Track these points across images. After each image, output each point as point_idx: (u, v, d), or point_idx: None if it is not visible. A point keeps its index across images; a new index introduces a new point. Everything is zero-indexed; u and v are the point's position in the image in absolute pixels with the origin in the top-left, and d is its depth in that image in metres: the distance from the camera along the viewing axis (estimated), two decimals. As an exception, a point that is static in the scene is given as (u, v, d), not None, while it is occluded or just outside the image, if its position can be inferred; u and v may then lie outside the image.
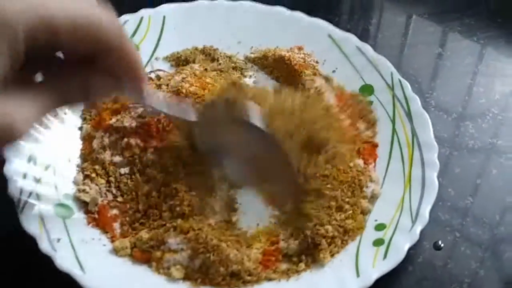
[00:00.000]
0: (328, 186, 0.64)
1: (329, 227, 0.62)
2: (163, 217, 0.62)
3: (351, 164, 0.67)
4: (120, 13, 0.76)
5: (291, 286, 0.59)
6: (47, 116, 0.45)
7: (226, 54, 0.79)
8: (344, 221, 0.63)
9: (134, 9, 0.79)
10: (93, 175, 0.65)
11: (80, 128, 0.69)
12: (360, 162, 0.68)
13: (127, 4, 0.78)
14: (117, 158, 0.66)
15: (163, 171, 0.64)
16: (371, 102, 0.74)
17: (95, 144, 0.67)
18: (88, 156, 0.66)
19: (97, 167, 0.65)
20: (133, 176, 0.65)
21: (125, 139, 0.65)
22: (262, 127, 0.59)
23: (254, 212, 0.64)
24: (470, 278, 0.63)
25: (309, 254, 0.61)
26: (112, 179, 0.65)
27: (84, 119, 0.70)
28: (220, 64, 0.77)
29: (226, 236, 0.60)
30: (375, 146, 0.71)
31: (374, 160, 0.69)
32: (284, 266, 0.60)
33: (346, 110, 0.72)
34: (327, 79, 0.77)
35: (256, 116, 0.59)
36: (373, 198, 0.66)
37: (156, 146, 0.65)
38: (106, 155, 0.66)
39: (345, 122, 0.71)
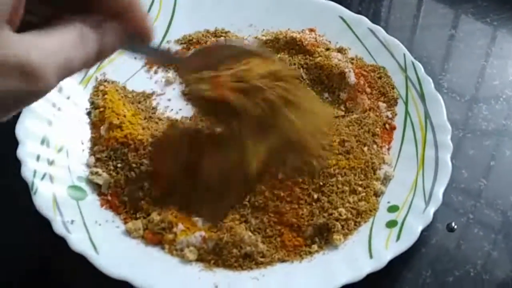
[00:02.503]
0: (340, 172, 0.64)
1: (343, 210, 0.62)
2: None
3: (365, 149, 0.67)
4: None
5: (304, 267, 0.59)
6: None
7: (237, 36, 0.79)
8: (357, 203, 0.63)
9: (145, -8, 0.78)
10: (105, 158, 0.65)
11: (89, 113, 0.69)
12: (374, 145, 0.68)
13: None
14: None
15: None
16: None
17: (103, 130, 0.66)
18: (98, 141, 0.66)
19: (105, 154, 0.65)
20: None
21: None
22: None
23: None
24: (483, 260, 0.63)
25: (323, 236, 0.61)
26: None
27: (92, 103, 0.70)
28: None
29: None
30: (393, 128, 0.70)
31: (389, 143, 0.69)
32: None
33: (366, 89, 0.72)
34: (341, 50, 0.77)
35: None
36: (386, 180, 0.66)
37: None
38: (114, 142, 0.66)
39: (365, 103, 0.71)
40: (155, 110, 0.71)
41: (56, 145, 0.64)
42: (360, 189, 0.64)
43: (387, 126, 0.70)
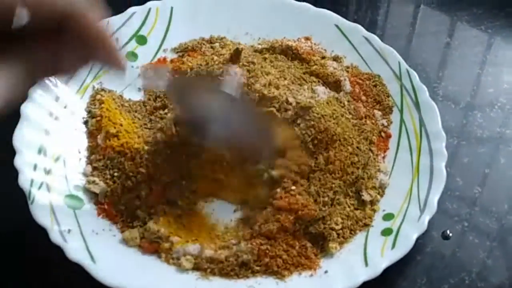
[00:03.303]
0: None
1: (338, 219, 0.62)
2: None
3: (361, 158, 0.67)
4: (128, 5, 0.77)
5: (300, 275, 0.59)
6: (14, 95, 0.44)
7: (233, 42, 0.79)
8: (353, 212, 0.63)
9: (141, 1, 0.79)
10: (101, 167, 0.65)
11: (86, 122, 0.69)
12: (370, 153, 0.68)
13: (135, -4, 0.78)
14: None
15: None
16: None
17: (99, 139, 0.66)
18: (94, 149, 0.66)
19: (101, 163, 0.65)
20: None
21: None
22: (235, 95, 0.60)
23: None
24: (478, 268, 0.63)
25: (318, 244, 0.61)
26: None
27: (88, 112, 0.70)
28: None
29: None
30: (388, 136, 0.71)
31: (384, 151, 0.69)
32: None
33: (361, 97, 0.72)
34: (337, 59, 0.77)
35: (230, 84, 0.61)
36: (381, 188, 0.66)
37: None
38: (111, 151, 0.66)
39: (361, 110, 0.71)
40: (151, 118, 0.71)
41: (53, 154, 0.64)
42: (355, 197, 0.64)
43: (382, 134, 0.71)
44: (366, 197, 0.64)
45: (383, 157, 0.69)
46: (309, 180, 0.63)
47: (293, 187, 0.62)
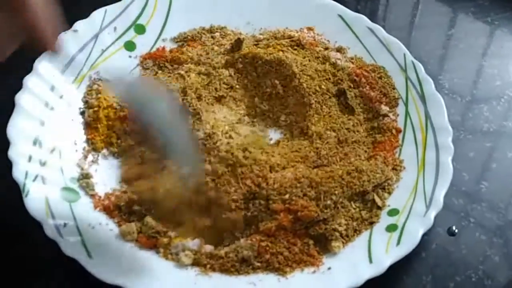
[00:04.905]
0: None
1: (342, 221, 0.60)
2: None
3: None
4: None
5: (302, 272, 0.57)
6: None
7: (234, 32, 0.77)
8: (359, 213, 0.61)
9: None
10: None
11: (83, 113, 0.67)
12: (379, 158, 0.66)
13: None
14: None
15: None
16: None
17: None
18: (92, 140, 0.65)
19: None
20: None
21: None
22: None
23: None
24: (484, 265, 0.62)
25: (321, 243, 0.59)
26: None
27: (85, 102, 0.68)
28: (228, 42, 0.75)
29: None
30: (398, 131, 0.69)
31: (393, 149, 0.67)
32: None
33: (368, 91, 0.71)
34: (341, 50, 0.75)
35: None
36: (391, 186, 0.64)
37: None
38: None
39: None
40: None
41: (49, 145, 0.62)
42: (361, 200, 0.63)
43: (393, 131, 0.69)
44: (377, 200, 0.62)
45: (393, 154, 0.67)
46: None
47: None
